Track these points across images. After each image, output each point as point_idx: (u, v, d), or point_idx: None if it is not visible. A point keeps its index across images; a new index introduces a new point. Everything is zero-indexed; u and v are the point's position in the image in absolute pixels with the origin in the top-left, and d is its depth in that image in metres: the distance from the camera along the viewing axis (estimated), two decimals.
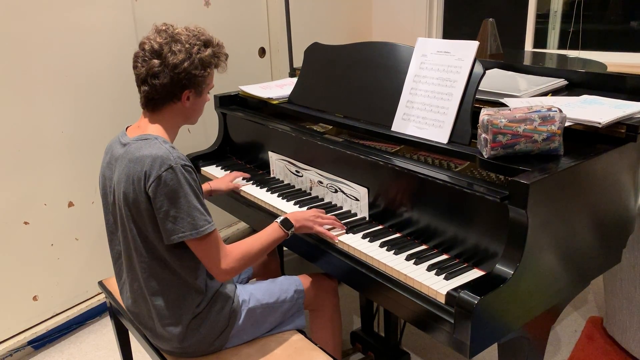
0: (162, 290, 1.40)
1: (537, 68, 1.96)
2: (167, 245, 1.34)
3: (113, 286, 1.79)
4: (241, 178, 1.96)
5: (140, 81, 1.37)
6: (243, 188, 1.92)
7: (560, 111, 1.28)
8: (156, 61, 1.33)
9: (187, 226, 1.29)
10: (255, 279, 1.89)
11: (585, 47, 3.20)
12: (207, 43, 1.38)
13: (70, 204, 2.34)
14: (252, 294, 1.53)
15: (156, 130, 1.40)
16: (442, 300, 1.22)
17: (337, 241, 1.51)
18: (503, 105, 1.59)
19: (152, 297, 1.40)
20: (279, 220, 1.50)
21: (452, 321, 1.16)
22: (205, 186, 1.87)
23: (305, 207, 1.71)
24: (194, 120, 1.49)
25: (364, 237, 1.51)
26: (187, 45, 1.33)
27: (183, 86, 1.36)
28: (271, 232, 1.47)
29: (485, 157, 1.32)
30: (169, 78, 1.33)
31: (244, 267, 1.39)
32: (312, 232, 1.54)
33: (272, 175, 2.01)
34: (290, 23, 2.68)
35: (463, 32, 3.76)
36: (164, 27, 1.36)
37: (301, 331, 1.58)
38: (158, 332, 1.44)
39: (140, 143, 1.34)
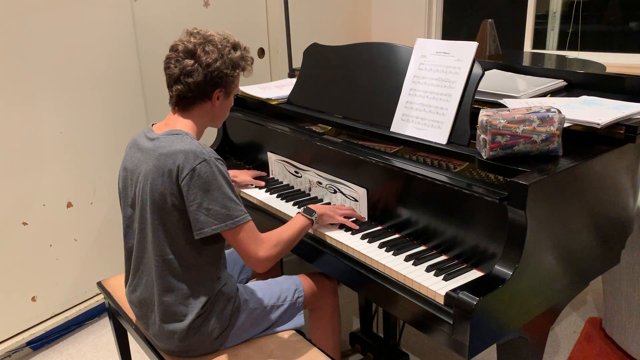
0: (174, 286, 1.40)
1: (536, 69, 1.96)
2: (189, 239, 1.36)
3: (112, 287, 1.79)
4: (257, 184, 1.94)
5: (174, 81, 1.41)
6: (242, 189, 1.92)
7: (559, 112, 1.28)
8: (190, 61, 1.38)
9: (221, 217, 1.31)
10: (255, 279, 1.89)
11: (584, 48, 3.21)
12: (235, 46, 1.45)
13: (69, 205, 2.34)
14: (252, 293, 1.54)
15: (185, 127, 1.43)
16: (441, 301, 1.22)
17: (358, 228, 1.56)
18: (502, 106, 1.59)
19: (162, 292, 1.41)
20: (300, 210, 1.56)
21: (451, 322, 1.16)
22: None
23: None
24: (219, 123, 1.54)
25: (363, 237, 1.51)
26: (219, 46, 1.40)
27: (215, 84, 1.41)
28: (296, 221, 1.52)
29: (484, 157, 1.32)
30: (203, 76, 1.39)
31: (279, 255, 1.42)
32: (335, 222, 1.58)
33: (271, 176, 2.01)
34: (290, 24, 2.67)
35: (462, 33, 3.77)
36: (196, 30, 1.43)
37: (300, 331, 1.58)
38: (160, 330, 1.44)
39: (171, 138, 1.37)
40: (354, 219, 1.60)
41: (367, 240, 1.49)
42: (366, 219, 1.62)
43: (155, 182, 1.34)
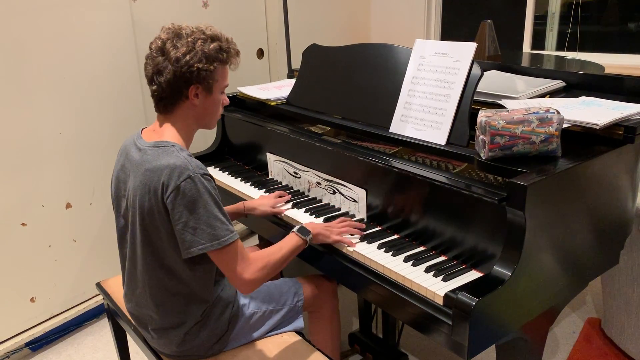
0: (167, 298, 1.39)
1: (535, 69, 1.97)
2: (179, 256, 1.31)
3: (111, 288, 1.78)
4: (283, 202, 1.76)
5: (149, 81, 1.34)
6: (241, 189, 1.91)
7: (558, 113, 1.28)
8: (160, 58, 1.30)
9: (207, 237, 1.25)
10: None
11: (582, 49, 3.21)
12: (213, 38, 1.34)
13: (68, 205, 2.34)
14: (251, 297, 1.53)
15: (172, 135, 1.36)
16: (440, 301, 1.22)
17: (355, 246, 1.46)
18: (501, 106, 1.59)
19: (156, 304, 1.39)
20: (295, 229, 1.47)
21: (450, 323, 1.16)
22: (239, 206, 1.75)
23: (303, 209, 1.71)
24: (210, 123, 1.42)
25: (362, 238, 1.51)
26: (189, 39, 1.30)
27: (188, 81, 1.31)
28: (289, 240, 1.44)
29: (483, 158, 1.32)
30: (172, 73, 1.29)
31: (267, 276, 1.35)
32: (329, 242, 1.49)
33: (270, 177, 2.01)
34: (289, 24, 2.68)
35: (461, 33, 3.77)
36: (170, 26, 1.34)
37: (300, 333, 1.58)
38: (157, 336, 1.44)
39: (157, 151, 1.30)
40: (352, 233, 1.51)
41: (366, 241, 1.49)
42: (365, 220, 1.62)
43: (142, 199, 1.29)
